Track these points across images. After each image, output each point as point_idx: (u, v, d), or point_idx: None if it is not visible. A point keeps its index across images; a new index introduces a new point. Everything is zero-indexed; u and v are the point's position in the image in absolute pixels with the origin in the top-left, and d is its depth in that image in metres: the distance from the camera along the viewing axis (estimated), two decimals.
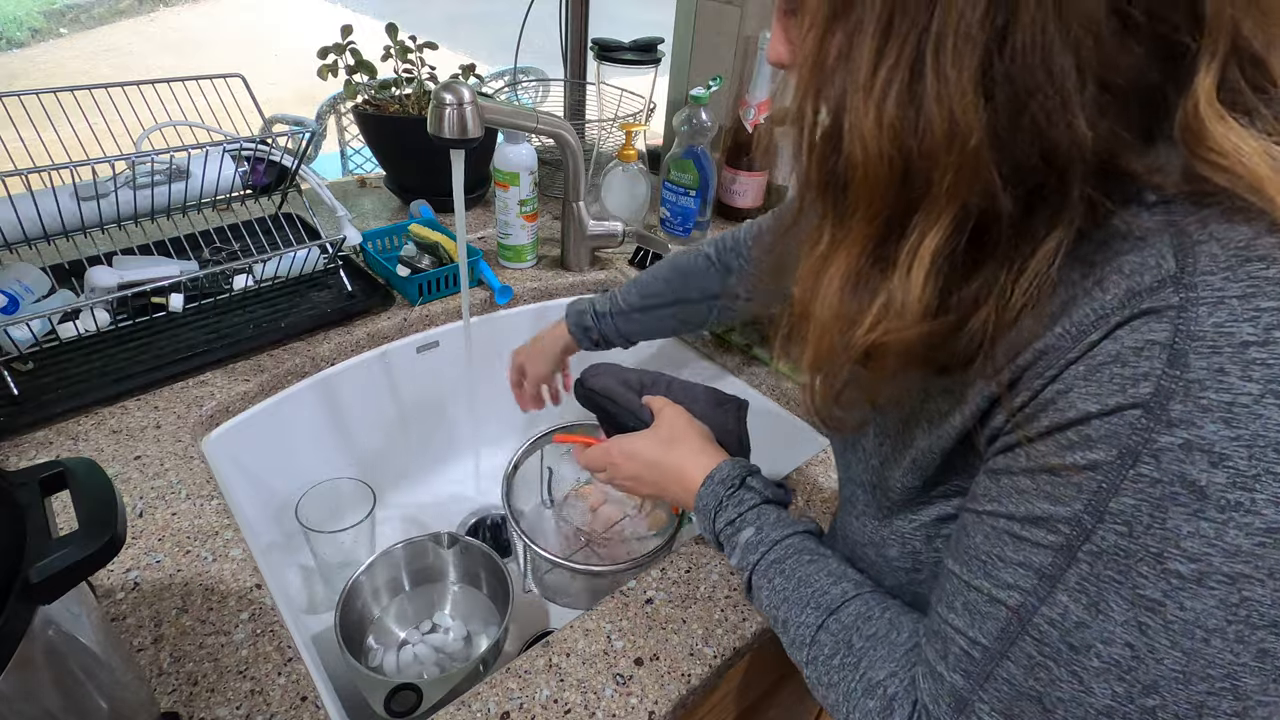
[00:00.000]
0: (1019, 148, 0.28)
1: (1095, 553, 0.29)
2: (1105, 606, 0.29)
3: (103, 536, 0.32)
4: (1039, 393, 0.31)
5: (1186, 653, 0.28)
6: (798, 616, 0.46)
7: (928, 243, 0.30)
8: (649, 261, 1.04)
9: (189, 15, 7.09)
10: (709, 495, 0.54)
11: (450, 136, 0.71)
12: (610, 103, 1.18)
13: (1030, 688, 0.32)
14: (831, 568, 0.47)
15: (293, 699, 0.48)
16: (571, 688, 0.51)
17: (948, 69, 0.27)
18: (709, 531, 0.54)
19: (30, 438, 0.66)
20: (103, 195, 0.78)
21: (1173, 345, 0.26)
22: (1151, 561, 0.28)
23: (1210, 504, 0.26)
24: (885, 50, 0.28)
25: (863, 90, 0.29)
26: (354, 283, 0.89)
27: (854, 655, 0.42)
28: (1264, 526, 0.26)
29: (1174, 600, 0.27)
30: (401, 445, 0.98)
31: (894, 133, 0.29)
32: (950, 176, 0.29)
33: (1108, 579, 0.29)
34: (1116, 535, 0.28)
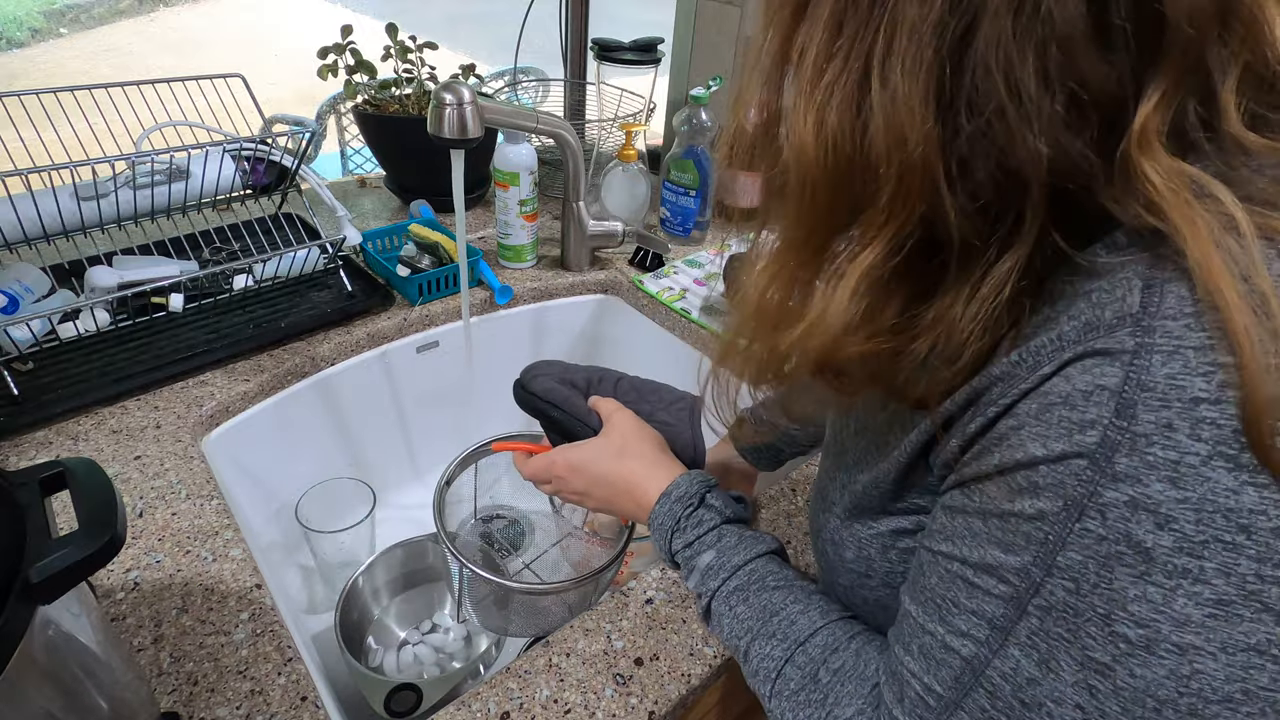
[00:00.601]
0: (975, 163, 0.26)
1: (1044, 608, 0.28)
2: (1055, 665, 0.28)
3: (103, 536, 0.32)
4: (993, 422, 0.30)
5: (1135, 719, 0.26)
6: (762, 648, 0.44)
7: (860, 259, 0.29)
8: (649, 261, 1.04)
9: (189, 15, 7.09)
10: (665, 515, 0.51)
11: (450, 136, 0.71)
12: (610, 103, 1.18)
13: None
14: (797, 594, 0.45)
15: (293, 699, 0.48)
16: (571, 688, 0.51)
17: (897, 78, 0.26)
18: (665, 552, 0.52)
19: (30, 438, 0.66)
20: (103, 195, 0.78)
21: (1122, 393, 0.25)
22: (1099, 622, 0.26)
23: (1157, 568, 0.25)
24: (833, 56, 0.27)
25: (805, 95, 0.28)
26: (354, 283, 0.89)
27: (820, 691, 0.40)
28: (1214, 598, 0.24)
29: (1123, 666, 0.26)
30: (401, 445, 0.98)
31: (833, 140, 0.28)
32: (890, 191, 0.27)
33: (1057, 636, 0.28)
34: (1064, 591, 0.27)
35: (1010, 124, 0.25)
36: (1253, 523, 0.23)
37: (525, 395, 0.62)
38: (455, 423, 1.00)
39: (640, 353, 1.06)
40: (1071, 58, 0.24)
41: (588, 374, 0.64)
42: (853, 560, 0.44)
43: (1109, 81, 0.25)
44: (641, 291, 1.00)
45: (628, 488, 0.54)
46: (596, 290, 1.05)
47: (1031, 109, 0.25)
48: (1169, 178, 0.25)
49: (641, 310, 1.02)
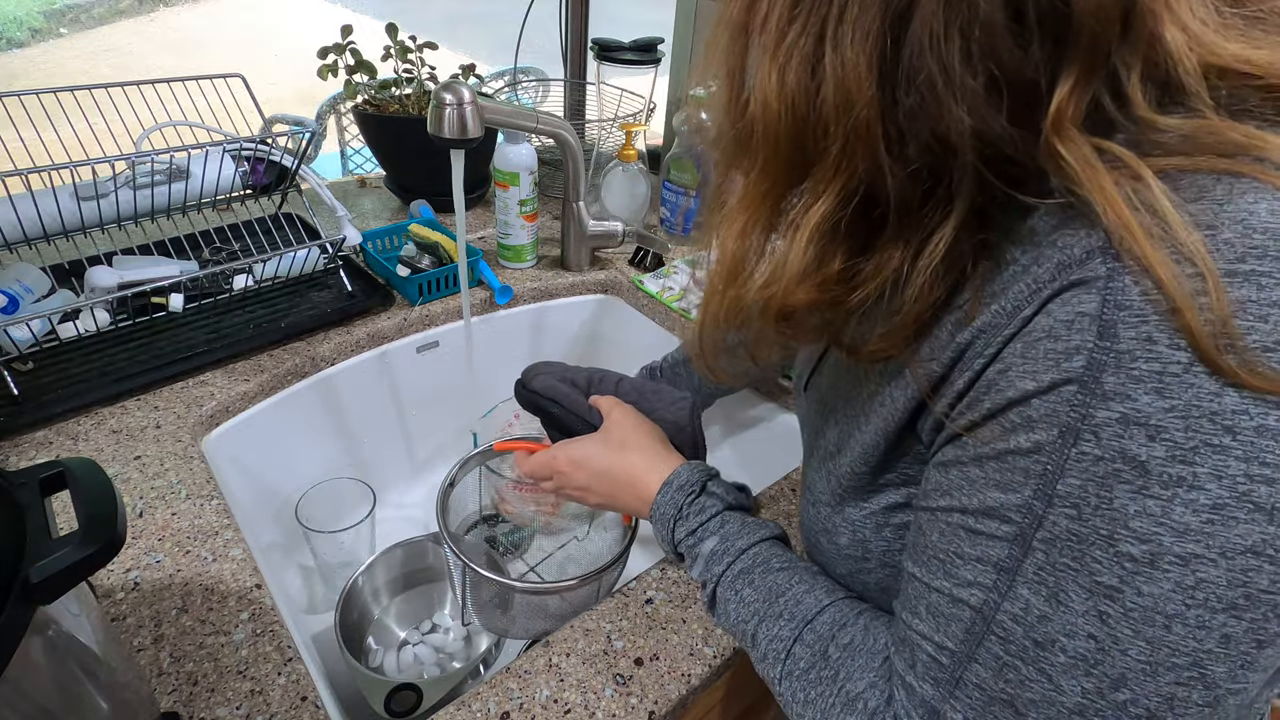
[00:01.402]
0: (910, 128, 0.29)
1: (1049, 539, 0.29)
2: (1065, 597, 0.28)
3: (103, 536, 0.32)
4: (980, 373, 0.31)
5: (1150, 641, 0.27)
6: (770, 629, 0.44)
7: (815, 209, 0.32)
8: (649, 261, 1.04)
9: (189, 15, 7.09)
10: (667, 504, 0.51)
11: (450, 136, 0.71)
12: (610, 103, 1.18)
13: (1001, 690, 0.31)
14: (801, 574, 0.46)
15: (293, 699, 0.48)
16: (571, 688, 0.51)
17: (846, 44, 0.28)
18: (667, 542, 0.52)
19: (30, 438, 0.66)
20: (103, 195, 0.78)
21: (1101, 316, 0.26)
22: (1104, 545, 0.27)
23: (1153, 480, 0.26)
24: (794, 19, 0.30)
25: (770, 55, 0.31)
26: (354, 283, 0.89)
27: (831, 668, 0.40)
28: (1209, 503, 0.25)
29: (1130, 586, 0.27)
30: (402, 445, 0.98)
31: (792, 98, 0.30)
32: (839, 147, 0.30)
33: (1064, 566, 0.28)
34: (1067, 519, 0.28)
35: (940, 96, 0.28)
36: (1236, 423, 0.24)
37: (526, 393, 0.62)
38: (455, 423, 1.00)
39: (640, 353, 1.06)
40: (991, 42, 0.27)
41: (589, 374, 0.64)
42: (848, 545, 0.44)
43: (1025, 67, 0.27)
44: (641, 291, 1.00)
45: (629, 481, 0.54)
46: (596, 290, 1.05)
47: (956, 85, 0.27)
48: (1080, 156, 0.27)
49: (641, 310, 1.02)
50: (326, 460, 0.88)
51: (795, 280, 0.33)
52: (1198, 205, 0.26)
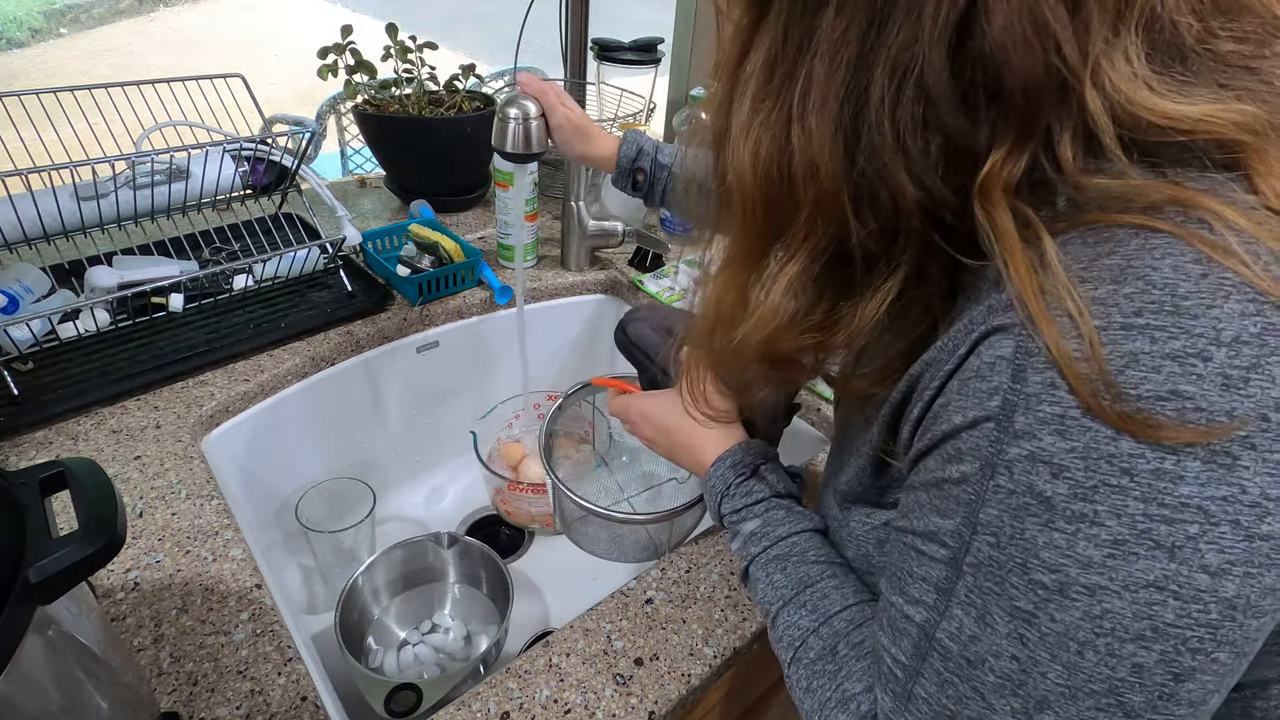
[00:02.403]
0: (870, 192, 0.31)
1: (975, 564, 0.30)
2: (990, 619, 0.30)
3: (103, 536, 0.32)
4: (930, 404, 0.33)
5: (1066, 666, 0.28)
6: (791, 616, 0.46)
7: (790, 265, 0.35)
8: (649, 261, 1.04)
9: (189, 15, 7.08)
10: (718, 479, 0.53)
11: (514, 151, 0.72)
12: (610, 103, 1.18)
13: (944, 707, 0.32)
14: (835, 571, 0.47)
15: (293, 699, 0.48)
16: (571, 688, 0.51)
17: (811, 121, 0.31)
18: (714, 513, 0.54)
19: (30, 438, 0.66)
20: (103, 195, 0.78)
21: (1014, 360, 0.28)
22: (1019, 571, 0.29)
23: (1058, 515, 0.27)
24: (764, 98, 0.33)
25: (743, 130, 0.34)
26: (354, 283, 0.89)
27: (836, 663, 0.42)
28: (1110, 539, 0.26)
29: (1044, 612, 0.28)
30: (402, 445, 0.98)
31: (765, 169, 0.33)
32: (808, 211, 0.33)
33: (988, 590, 0.30)
34: (989, 546, 0.30)
35: (890, 164, 0.30)
36: (1133, 466, 0.26)
37: (624, 338, 0.66)
38: (455, 423, 1.00)
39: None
40: (938, 114, 0.29)
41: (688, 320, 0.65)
42: (854, 558, 0.46)
43: (971, 136, 0.29)
44: (641, 291, 1.00)
45: (688, 445, 0.57)
46: (596, 290, 1.05)
47: (907, 153, 0.30)
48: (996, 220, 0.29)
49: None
50: (326, 460, 0.88)
51: (779, 328, 0.36)
52: (1110, 260, 0.27)
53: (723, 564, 0.62)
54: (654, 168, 0.75)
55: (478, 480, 1.04)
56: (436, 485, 1.04)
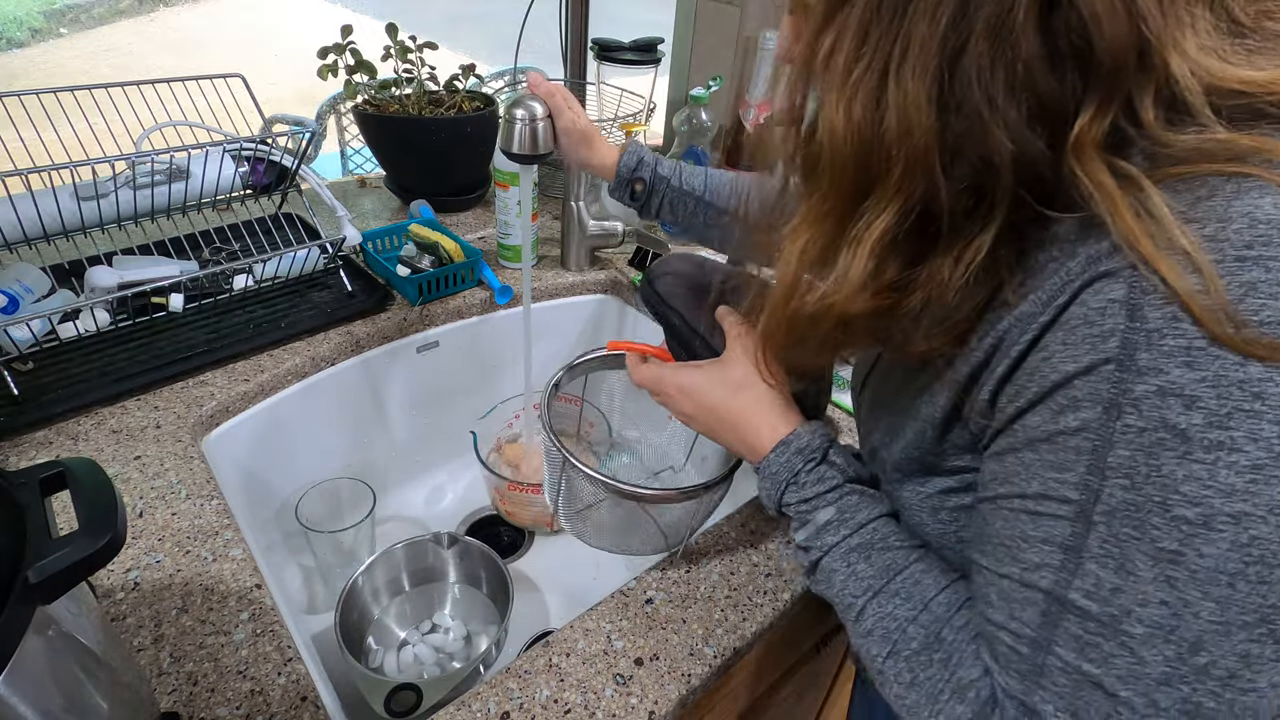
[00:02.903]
0: (961, 151, 0.32)
1: (1108, 512, 0.30)
2: (1133, 566, 0.30)
3: (103, 536, 0.32)
4: (1020, 360, 0.34)
5: (1218, 601, 0.28)
6: (883, 606, 0.42)
7: (876, 224, 0.35)
8: (649, 262, 1.04)
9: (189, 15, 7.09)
10: (782, 466, 0.49)
11: (520, 152, 0.72)
12: (610, 103, 1.19)
13: (1087, 672, 0.31)
14: (920, 554, 0.44)
15: (293, 699, 0.48)
16: (571, 688, 0.51)
17: (908, 79, 0.32)
18: (773, 501, 0.50)
19: (30, 438, 0.66)
20: (103, 195, 0.78)
21: (1129, 300, 0.29)
22: (1159, 510, 0.29)
23: (1195, 445, 0.28)
24: (860, 57, 0.33)
25: (838, 88, 0.34)
26: (354, 283, 0.89)
27: (944, 651, 0.39)
28: (1250, 464, 0.27)
29: (1191, 548, 0.28)
30: (402, 445, 0.98)
31: (859, 128, 0.34)
32: (900, 169, 0.33)
33: (1127, 536, 0.30)
34: (1122, 490, 0.29)
35: (986, 124, 0.31)
36: (1264, 389, 0.27)
37: (651, 293, 0.57)
38: (455, 423, 1.00)
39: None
40: (1030, 76, 0.31)
41: (726, 274, 0.56)
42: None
43: (1059, 96, 0.31)
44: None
45: (737, 425, 0.51)
46: (596, 290, 1.05)
47: (1000, 113, 0.31)
48: (1093, 174, 0.31)
49: (641, 310, 1.02)
50: (326, 460, 0.88)
51: (855, 290, 0.36)
52: (1210, 202, 0.29)
53: (723, 564, 0.62)
54: (654, 178, 0.75)
55: (478, 480, 1.04)
56: (436, 485, 1.04)
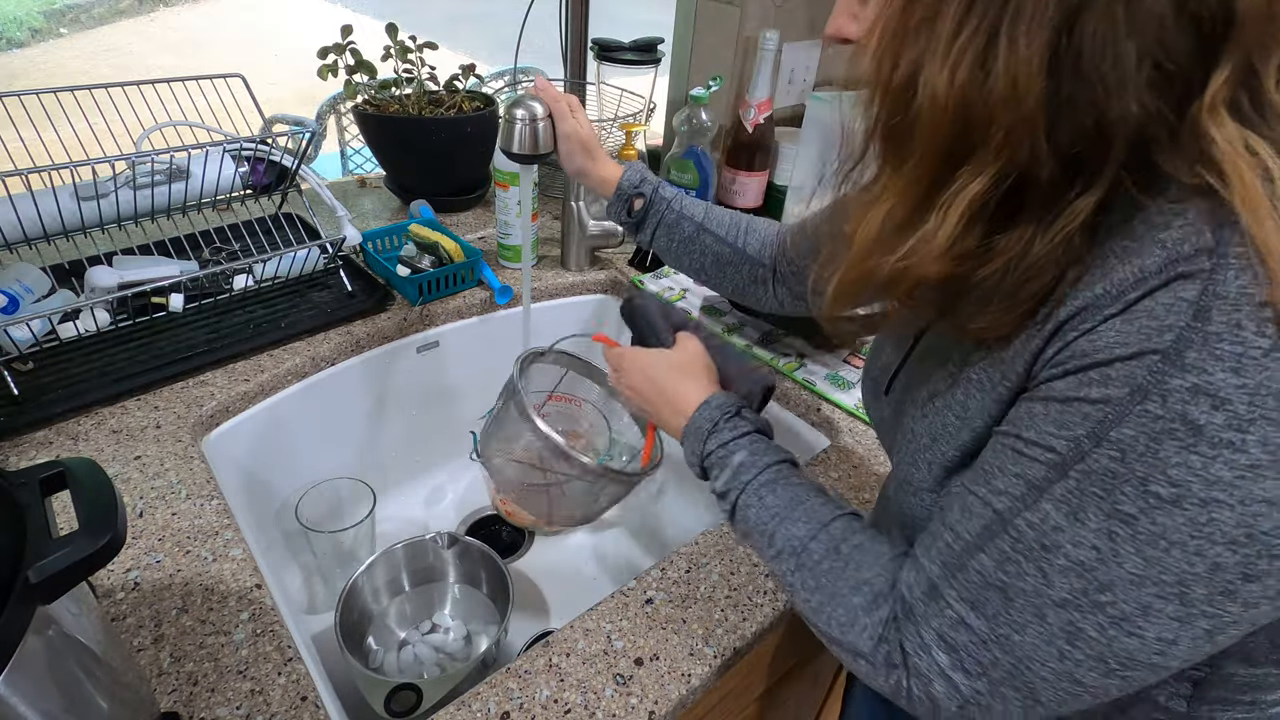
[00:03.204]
0: (1073, 117, 0.32)
1: (1085, 471, 0.33)
2: (1083, 516, 0.33)
3: (103, 536, 0.32)
4: (1070, 343, 0.34)
5: (1146, 559, 0.31)
6: (789, 530, 0.48)
7: (970, 189, 0.34)
8: (649, 262, 1.04)
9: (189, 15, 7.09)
10: (704, 419, 0.56)
11: (520, 152, 0.72)
12: (610, 103, 1.19)
13: (997, 579, 0.36)
14: (817, 491, 0.51)
15: (293, 699, 0.48)
16: (571, 688, 0.51)
17: (1020, 41, 0.31)
18: (697, 455, 0.56)
19: (30, 438, 0.66)
20: (103, 195, 0.78)
21: (1199, 302, 0.29)
22: (1136, 483, 0.31)
23: (1204, 440, 0.29)
24: (967, 19, 0.32)
25: (941, 53, 0.33)
26: (354, 283, 0.89)
27: (842, 560, 0.45)
28: (1248, 463, 0.29)
29: (1147, 516, 0.31)
30: (402, 445, 0.98)
31: (962, 92, 0.33)
32: (1002, 135, 0.33)
33: (1091, 494, 0.32)
34: (1109, 460, 0.32)
35: (1109, 87, 0.30)
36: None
37: (628, 306, 0.72)
38: (455, 423, 1.00)
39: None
40: (1161, 35, 0.30)
41: (683, 317, 0.70)
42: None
43: (1190, 57, 0.30)
44: (642, 292, 1.00)
45: (672, 397, 0.59)
46: (596, 290, 1.05)
47: (1127, 75, 0.30)
48: (1228, 138, 0.30)
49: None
50: (326, 460, 0.88)
51: (937, 255, 0.36)
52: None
53: (723, 564, 0.62)
54: (654, 197, 0.74)
55: (478, 480, 1.04)
56: (436, 485, 1.04)
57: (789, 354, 0.88)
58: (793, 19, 1.14)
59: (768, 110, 1.07)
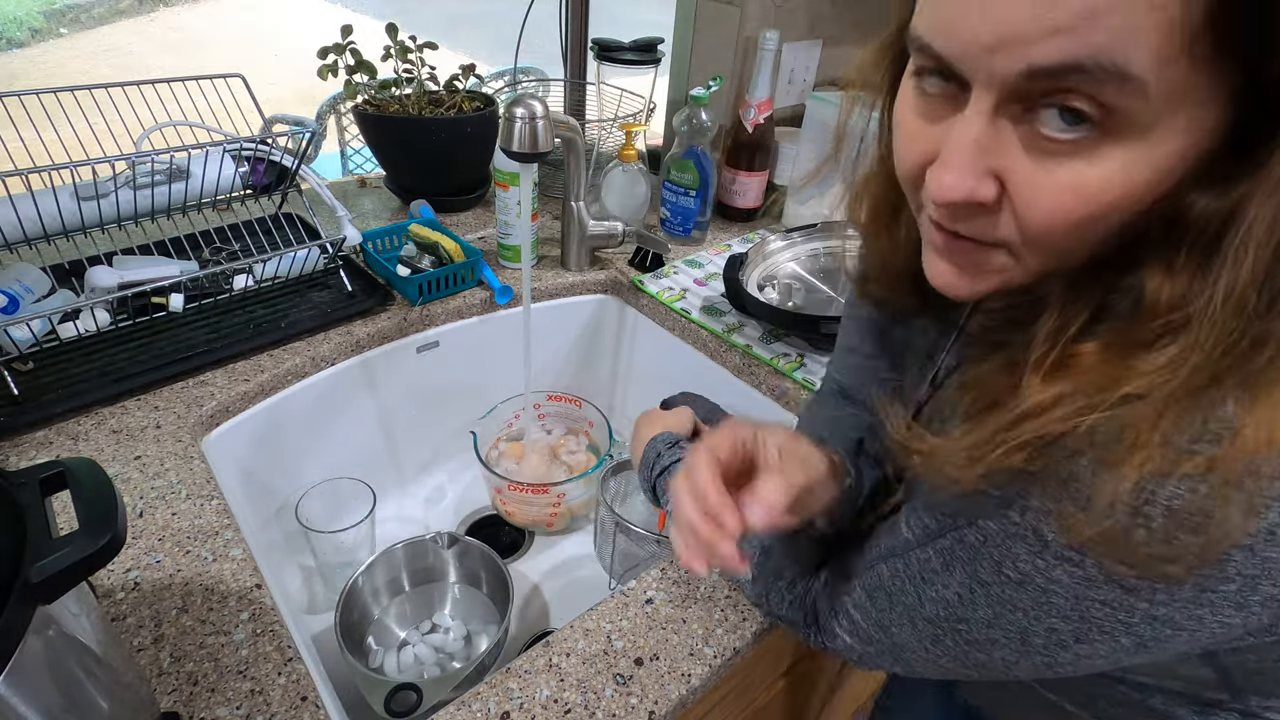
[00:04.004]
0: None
1: (959, 539, 0.38)
2: (951, 568, 0.38)
3: (103, 536, 0.32)
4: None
5: (995, 613, 0.37)
6: None
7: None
8: (649, 261, 1.04)
9: (189, 15, 7.09)
10: (651, 450, 0.65)
11: (520, 150, 0.71)
12: (610, 103, 1.19)
13: (888, 586, 0.43)
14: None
15: (293, 699, 0.48)
16: (571, 688, 0.51)
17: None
18: (647, 480, 0.64)
19: (30, 438, 0.66)
20: (103, 195, 0.78)
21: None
22: (992, 563, 0.36)
23: (1049, 551, 0.33)
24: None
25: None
26: (354, 283, 0.89)
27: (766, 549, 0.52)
28: (1084, 576, 0.32)
29: (998, 586, 0.36)
30: (402, 445, 0.98)
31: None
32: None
33: (958, 556, 0.38)
34: (975, 539, 0.37)
35: None
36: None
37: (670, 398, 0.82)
38: (455, 423, 1.00)
39: (640, 353, 1.06)
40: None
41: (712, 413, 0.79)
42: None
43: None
44: (641, 292, 1.00)
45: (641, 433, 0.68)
46: (596, 290, 1.05)
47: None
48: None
49: (641, 310, 1.02)
50: (326, 460, 0.88)
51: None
52: None
53: None
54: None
55: (478, 480, 1.04)
56: (436, 485, 1.04)
57: (789, 354, 0.88)
58: (793, 19, 1.14)
59: (768, 110, 1.07)
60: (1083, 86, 0.27)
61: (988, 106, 0.29)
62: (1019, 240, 0.32)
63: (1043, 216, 0.30)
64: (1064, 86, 0.27)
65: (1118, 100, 0.26)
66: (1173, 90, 0.26)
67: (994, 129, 0.30)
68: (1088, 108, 0.27)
